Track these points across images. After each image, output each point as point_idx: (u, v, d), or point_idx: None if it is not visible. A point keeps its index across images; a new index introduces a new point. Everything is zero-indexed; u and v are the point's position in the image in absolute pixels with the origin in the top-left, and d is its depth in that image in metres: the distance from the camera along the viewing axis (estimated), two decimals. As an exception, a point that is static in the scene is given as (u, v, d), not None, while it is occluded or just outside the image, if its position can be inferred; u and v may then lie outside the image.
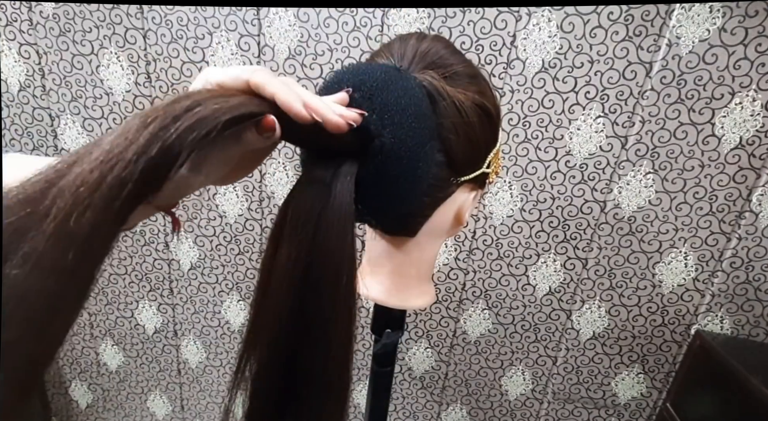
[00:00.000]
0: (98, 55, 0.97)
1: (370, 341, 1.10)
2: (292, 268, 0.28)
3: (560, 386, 1.08)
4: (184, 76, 0.95)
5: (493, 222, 0.96)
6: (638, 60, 0.80)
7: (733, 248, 0.89)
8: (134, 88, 0.98)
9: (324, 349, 0.29)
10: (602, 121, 0.85)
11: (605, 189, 0.89)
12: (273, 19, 0.88)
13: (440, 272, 1.02)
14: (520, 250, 0.97)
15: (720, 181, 0.85)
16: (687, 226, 0.89)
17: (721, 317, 0.94)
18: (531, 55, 0.82)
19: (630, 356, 1.01)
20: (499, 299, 1.02)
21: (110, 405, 1.36)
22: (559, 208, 0.92)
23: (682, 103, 0.81)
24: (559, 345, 1.04)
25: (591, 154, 0.87)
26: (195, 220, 1.07)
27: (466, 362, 1.10)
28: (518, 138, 0.88)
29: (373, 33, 0.86)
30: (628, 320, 0.98)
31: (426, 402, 1.17)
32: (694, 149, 0.83)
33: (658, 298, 0.95)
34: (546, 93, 0.84)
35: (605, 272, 0.95)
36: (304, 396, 0.30)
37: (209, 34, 0.91)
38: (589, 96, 0.83)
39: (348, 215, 0.28)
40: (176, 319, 1.19)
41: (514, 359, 1.07)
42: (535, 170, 0.90)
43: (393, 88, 0.29)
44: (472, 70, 0.35)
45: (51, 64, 0.99)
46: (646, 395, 1.04)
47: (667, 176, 0.86)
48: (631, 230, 0.91)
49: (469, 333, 1.07)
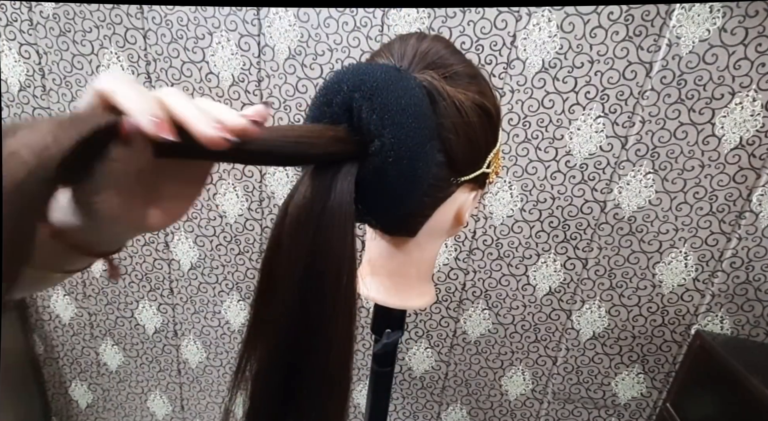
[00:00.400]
0: (98, 55, 0.97)
1: (370, 341, 1.10)
2: (293, 268, 0.28)
3: (560, 386, 1.08)
4: (184, 76, 0.95)
5: (493, 222, 0.96)
6: (638, 60, 0.80)
7: (733, 248, 0.89)
8: (134, 88, 0.98)
9: (324, 349, 0.29)
10: (602, 121, 0.85)
11: (605, 189, 0.89)
12: (273, 19, 0.88)
13: (440, 272, 1.02)
14: (520, 250, 0.97)
15: (720, 181, 0.85)
16: (687, 226, 0.89)
17: (721, 317, 0.94)
18: (531, 55, 0.82)
19: (630, 356, 1.01)
20: (499, 299, 1.02)
21: (110, 405, 1.36)
22: (559, 208, 0.92)
23: (682, 103, 0.81)
24: (559, 345, 1.04)
25: (591, 154, 0.87)
26: (195, 220, 1.07)
27: (466, 362, 1.10)
28: (518, 138, 0.88)
29: (373, 33, 0.86)
30: (628, 320, 0.98)
31: (426, 402, 1.17)
32: (694, 149, 0.83)
33: (658, 298, 0.95)
34: (546, 93, 0.84)
35: (605, 272, 0.95)
36: (305, 396, 0.30)
37: (209, 34, 0.91)
38: (589, 96, 0.83)
39: (348, 215, 0.28)
40: (176, 319, 1.19)
41: (514, 359, 1.07)
42: (535, 170, 0.90)
43: (393, 88, 0.29)
44: (472, 70, 0.35)
45: (51, 64, 0.99)
46: (646, 395, 1.04)
47: (667, 176, 0.86)
48: (631, 230, 0.91)
49: (469, 333, 1.07)
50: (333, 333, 0.29)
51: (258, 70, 0.92)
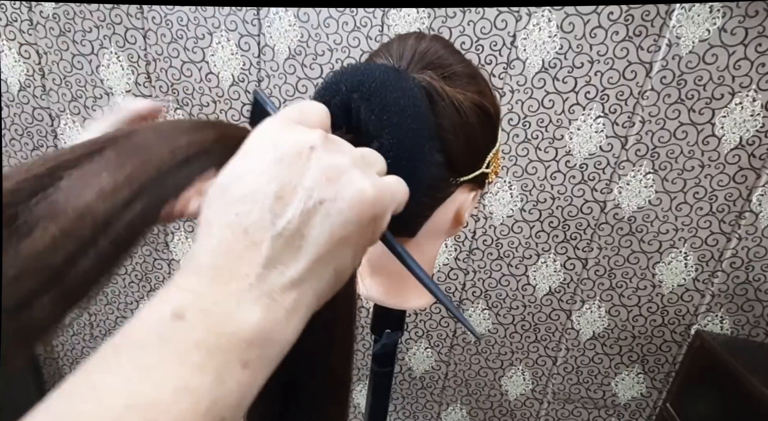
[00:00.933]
0: (98, 55, 0.97)
1: (370, 341, 1.10)
2: None
3: (560, 386, 1.08)
4: (184, 76, 0.95)
5: (493, 222, 0.96)
6: (638, 60, 0.80)
7: (733, 248, 0.88)
8: (134, 88, 0.98)
9: (325, 350, 0.29)
10: (602, 121, 0.85)
11: (605, 189, 0.89)
12: (273, 19, 0.88)
13: (440, 272, 1.02)
14: (520, 250, 0.97)
15: (720, 181, 0.85)
16: (687, 226, 0.89)
17: (721, 317, 0.94)
18: (531, 55, 0.82)
19: (630, 356, 1.01)
20: (499, 299, 1.02)
21: (110, 405, 1.36)
22: (559, 208, 0.92)
23: (682, 103, 0.81)
24: (559, 345, 1.04)
25: (591, 154, 0.87)
26: (195, 220, 1.07)
27: (466, 362, 1.10)
28: (518, 138, 0.88)
29: (373, 33, 0.86)
30: (628, 320, 0.98)
31: (426, 402, 1.17)
32: (694, 149, 0.83)
33: (658, 298, 0.95)
34: (546, 93, 0.84)
35: (605, 272, 0.95)
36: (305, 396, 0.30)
37: (209, 34, 0.91)
38: (589, 96, 0.83)
39: None
40: (176, 319, 1.19)
41: (514, 359, 1.07)
42: (535, 170, 0.90)
43: (392, 88, 0.29)
44: (471, 70, 0.35)
45: (51, 64, 0.99)
46: (646, 395, 1.04)
47: (667, 176, 0.86)
48: (631, 230, 0.91)
49: (469, 333, 1.07)
50: (333, 334, 0.29)
51: (258, 70, 0.92)
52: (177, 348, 0.15)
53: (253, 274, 0.16)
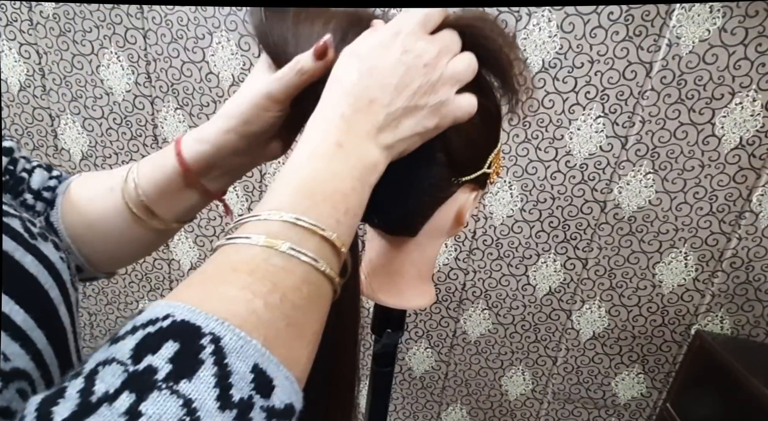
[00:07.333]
0: (98, 55, 0.96)
1: (370, 341, 1.10)
2: None
3: (560, 386, 1.08)
4: (184, 76, 0.95)
5: (493, 222, 0.96)
6: (638, 60, 0.80)
7: (733, 248, 0.89)
8: (134, 88, 0.98)
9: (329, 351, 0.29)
10: (602, 121, 0.85)
11: (605, 189, 0.89)
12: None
13: (440, 272, 1.02)
14: (520, 250, 0.97)
15: (720, 181, 0.85)
16: (687, 226, 0.89)
17: (721, 317, 0.94)
18: (531, 55, 0.82)
19: (630, 356, 1.01)
20: (499, 299, 1.02)
21: (110, 405, 1.36)
22: (559, 208, 0.92)
23: (682, 103, 0.81)
24: (559, 345, 1.04)
25: (591, 154, 0.87)
26: (195, 220, 1.07)
27: (466, 362, 1.10)
28: (518, 138, 0.88)
29: (373, 33, 0.86)
30: (628, 320, 0.98)
31: (426, 402, 1.17)
32: (694, 149, 0.84)
33: (658, 298, 0.95)
34: (546, 93, 0.84)
35: (605, 272, 0.95)
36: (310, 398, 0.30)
37: (209, 34, 0.91)
38: (589, 96, 0.83)
39: None
40: (176, 319, 1.19)
41: (514, 359, 1.07)
42: (535, 170, 0.90)
43: None
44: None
45: (51, 64, 0.99)
46: (646, 395, 1.04)
47: (667, 176, 0.86)
48: (631, 230, 0.91)
49: (469, 333, 1.07)
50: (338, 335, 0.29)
51: (258, 70, 0.92)
52: (347, 164, 0.24)
53: (373, 130, 0.25)
